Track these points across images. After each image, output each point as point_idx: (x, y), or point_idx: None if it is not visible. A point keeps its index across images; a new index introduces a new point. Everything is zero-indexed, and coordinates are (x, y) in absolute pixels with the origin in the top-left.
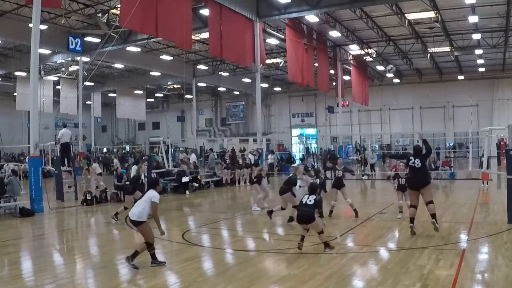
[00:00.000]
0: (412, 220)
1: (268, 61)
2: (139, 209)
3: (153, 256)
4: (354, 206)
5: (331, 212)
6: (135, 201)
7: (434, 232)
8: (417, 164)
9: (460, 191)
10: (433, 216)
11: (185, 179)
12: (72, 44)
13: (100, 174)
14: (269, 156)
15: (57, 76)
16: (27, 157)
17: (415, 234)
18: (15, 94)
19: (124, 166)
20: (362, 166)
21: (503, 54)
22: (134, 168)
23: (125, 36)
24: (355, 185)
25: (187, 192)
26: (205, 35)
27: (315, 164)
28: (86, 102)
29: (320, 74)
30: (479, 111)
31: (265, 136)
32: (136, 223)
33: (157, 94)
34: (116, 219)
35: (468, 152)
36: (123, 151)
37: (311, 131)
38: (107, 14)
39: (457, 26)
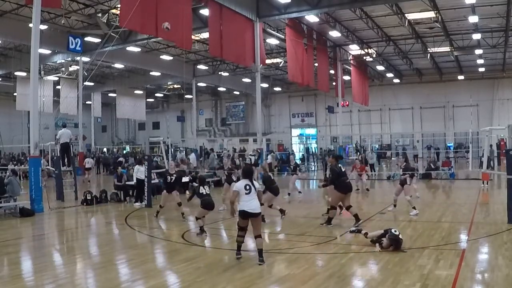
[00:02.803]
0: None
1: (268, 61)
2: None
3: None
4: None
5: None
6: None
7: (434, 232)
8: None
9: (460, 191)
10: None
11: (185, 179)
12: (72, 44)
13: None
14: (269, 156)
15: (57, 76)
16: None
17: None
18: (15, 94)
19: (124, 166)
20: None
21: (503, 54)
22: (136, 168)
23: (125, 36)
24: (355, 185)
25: (187, 192)
26: (205, 35)
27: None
28: (86, 102)
29: (320, 74)
30: (479, 111)
31: (265, 136)
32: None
33: (157, 94)
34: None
35: (468, 152)
36: (125, 151)
37: (311, 131)
38: (107, 14)
39: (457, 26)
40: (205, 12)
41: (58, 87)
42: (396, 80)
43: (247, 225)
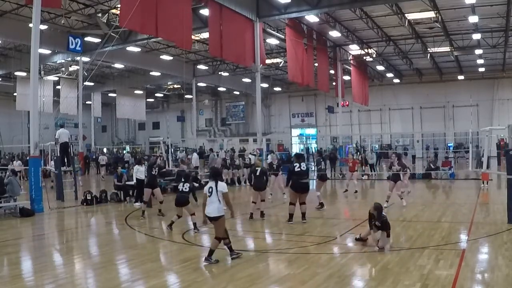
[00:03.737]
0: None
1: (268, 61)
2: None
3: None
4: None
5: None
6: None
7: (434, 232)
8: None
9: (460, 191)
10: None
11: None
12: (72, 44)
13: None
14: (269, 156)
15: (57, 76)
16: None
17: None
18: (15, 94)
19: (125, 166)
20: (363, 166)
21: (503, 54)
22: (136, 168)
23: (125, 36)
24: (355, 184)
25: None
26: (205, 35)
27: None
28: (86, 102)
29: (320, 74)
30: (479, 111)
31: (265, 136)
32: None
33: (157, 94)
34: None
35: (468, 152)
36: (126, 152)
37: (311, 131)
38: (107, 14)
39: (457, 26)
40: (205, 12)
41: (58, 87)
42: (396, 80)
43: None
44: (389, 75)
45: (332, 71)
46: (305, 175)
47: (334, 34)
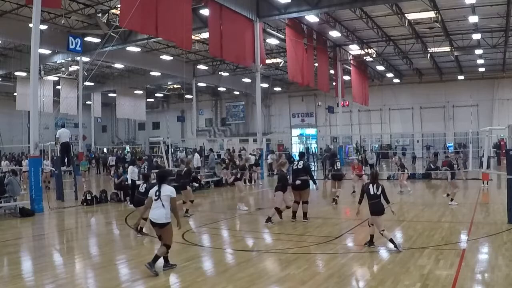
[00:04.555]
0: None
1: (268, 61)
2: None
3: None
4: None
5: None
6: None
7: (434, 232)
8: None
9: (460, 191)
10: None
11: None
12: (72, 44)
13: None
14: (269, 156)
15: (57, 76)
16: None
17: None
18: (15, 94)
19: (125, 166)
20: (363, 166)
21: (503, 54)
22: (130, 169)
23: (125, 36)
24: (355, 184)
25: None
26: (205, 35)
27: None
28: (86, 102)
29: (320, 74)
30: (479, 111)
31: (265, 136)
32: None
33: (157, 94)
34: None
35: (467, 152)
36: (126, 152)
37: (311, 131)
38: (107, 14)
39: (457, 26)
40: (205, 12)
41: (58, 87)
42: (396, 80)
43: (160, 234)
44: (389, 75)
45: (332, 71)
46: (301, 172)
47: (334, 34)
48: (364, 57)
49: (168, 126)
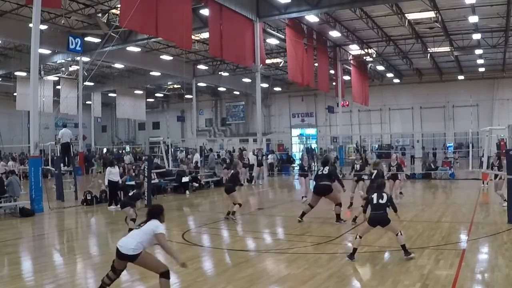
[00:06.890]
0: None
1: (268, 61)
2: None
3: None
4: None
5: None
6: None
7: (434, 232)
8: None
9: (460, 191)
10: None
11: (185, 179)
12: (72, 44)
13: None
14: (270, 156)
15: (57, 76)
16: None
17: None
18: (15, 94)
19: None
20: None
21: (503, 54)
22: (108, 170)
23: (125, 36)
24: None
25: (187, 192)
26: (205, 35)
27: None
28: (86, 102)
29: (320, 74)
30: (479, 111)
31: (265, 136)
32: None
33: (157, 94)
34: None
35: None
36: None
37: (311, 131)
38: (107, 14)
39: (457, 26)
40: (205, 12)
41: (58, 87)
42: (396, 80)
43: (122, 268)
44: (389, 75)
45: (332, 71)
46: (324, 177)
47: (334, 34)
48: (364, 57)
49: (168, 126)
